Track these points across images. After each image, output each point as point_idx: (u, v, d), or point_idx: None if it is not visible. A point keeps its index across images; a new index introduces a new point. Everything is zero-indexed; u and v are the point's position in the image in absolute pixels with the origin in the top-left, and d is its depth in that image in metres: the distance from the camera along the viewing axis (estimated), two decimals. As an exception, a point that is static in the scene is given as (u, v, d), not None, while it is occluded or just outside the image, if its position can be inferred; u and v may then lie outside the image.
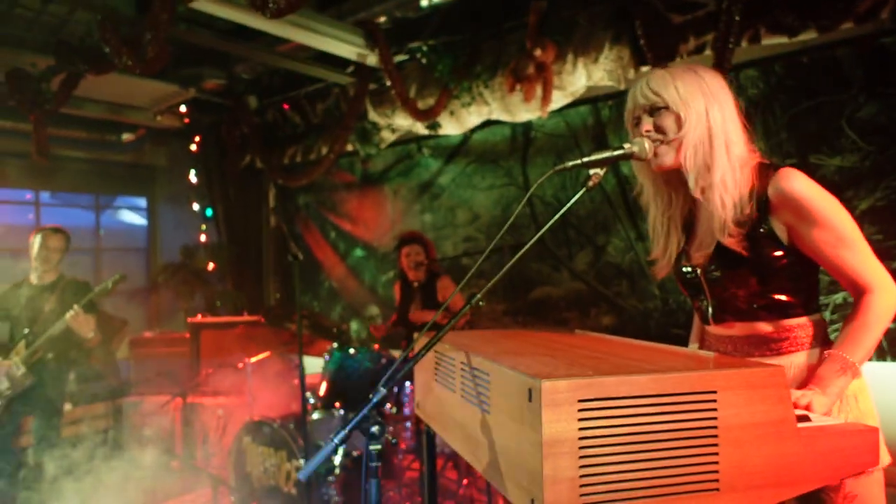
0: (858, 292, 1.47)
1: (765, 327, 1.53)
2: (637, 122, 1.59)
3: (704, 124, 1.51)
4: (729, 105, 1.54)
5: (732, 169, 1.51)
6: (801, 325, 1.51)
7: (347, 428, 1.23)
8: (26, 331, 3.85)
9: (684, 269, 1.66)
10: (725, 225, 1.51)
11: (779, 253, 1.48)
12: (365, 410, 1.24)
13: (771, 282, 1.50)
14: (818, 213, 1.43)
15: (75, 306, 3.70)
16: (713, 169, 1.51)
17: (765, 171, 1.51)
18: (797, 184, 1.44)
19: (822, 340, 1.53)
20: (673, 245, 1.69)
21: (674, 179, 1.64)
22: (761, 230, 1.48)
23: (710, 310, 1.62)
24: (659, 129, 1.55)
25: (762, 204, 1.47)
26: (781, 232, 1.48)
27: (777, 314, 1.52)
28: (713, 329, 1.64)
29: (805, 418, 1.24)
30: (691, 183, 1.55)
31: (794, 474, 1.12)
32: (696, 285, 1.63)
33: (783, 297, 1.50)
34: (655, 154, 1.56)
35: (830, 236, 1.44)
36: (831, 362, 1.43)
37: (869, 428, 1.22)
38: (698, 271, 1.60)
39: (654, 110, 1.55)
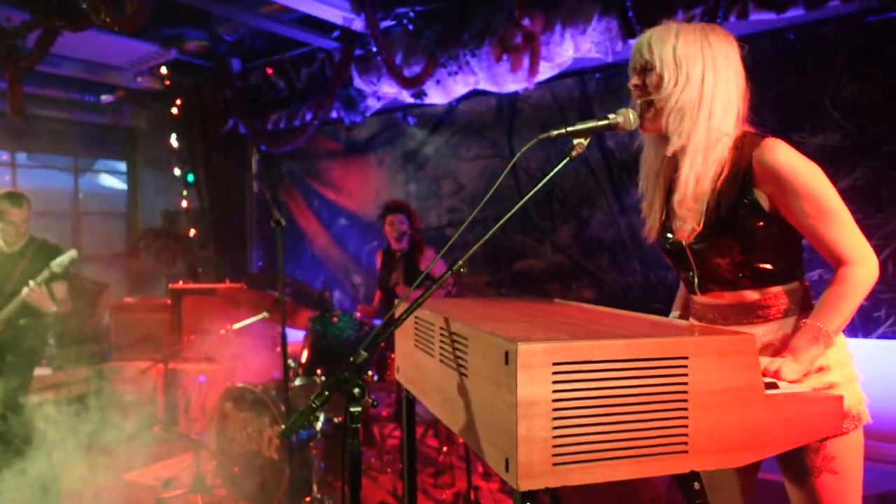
0: (838, 263, 1.48)
1: (751, 295, 1.55)
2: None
3: (696, 90, 1.49)
4: (728, 74, 1.51)
5: (707, 144, 1.50)
6: (787, 292, 1.54)
7: (327, 388, 1.24)
8: None
9: (668, 238, 1.66)
10: (685, 197, 1.52)
11: (762, 223, 1.50)
12: (345, 371, 1.25)
13: (755, 251, 1.51)
14: (801, 184, 1.44)
15: (31, 282, 3.65)
16: (690, 137, 1.51)
17: (749, 140, 1.50)
18: (781, 155, 1.45)
19: (809, 305, 1.55)
20: (657, 206, 1.68)
21: (661, 141, 1.62)
22: (745, 201, 1.49)
23: (695, 280, 1.63)
24: (643, 86, 1.55)
25: (746, 175, 1.48)
26: (765, 202, 1.49)
27: (762, 282, 1.54)
28: (700, 298, 1.65)
29: (773, 385, 1.28)
30: (670, 148, 1.55)
31: (760, 438, 1.16)
32: (682, 257, 1.63)
33: (767, 266, 1.52)
34: (641, 116, 1.56)
35: (813, 208, 1.44)
36: (805, 332, 1.45)
37: (834, 396, 1.26)
38: (682, 242, 1.60)
39: (644, 70, 1.54)
